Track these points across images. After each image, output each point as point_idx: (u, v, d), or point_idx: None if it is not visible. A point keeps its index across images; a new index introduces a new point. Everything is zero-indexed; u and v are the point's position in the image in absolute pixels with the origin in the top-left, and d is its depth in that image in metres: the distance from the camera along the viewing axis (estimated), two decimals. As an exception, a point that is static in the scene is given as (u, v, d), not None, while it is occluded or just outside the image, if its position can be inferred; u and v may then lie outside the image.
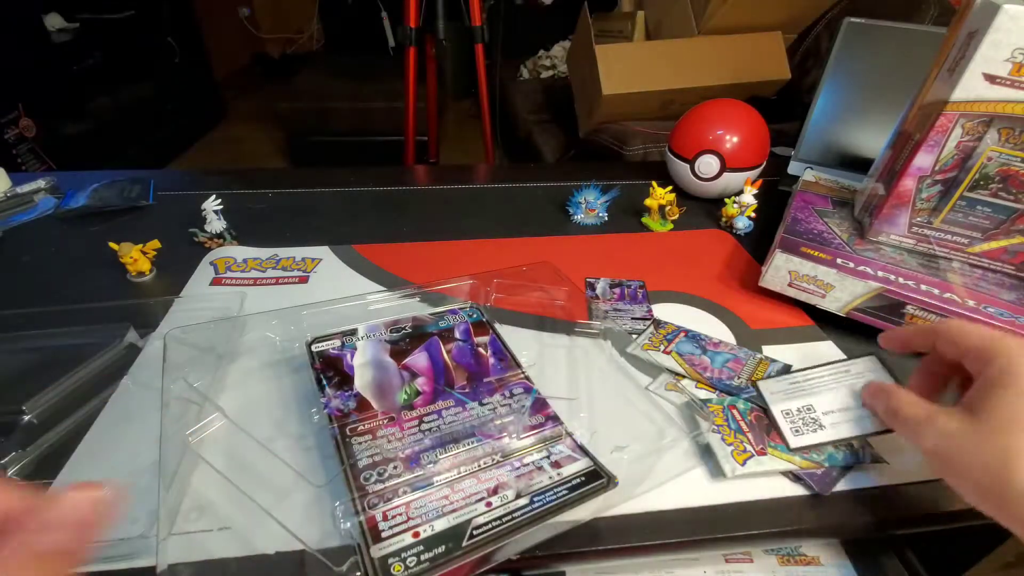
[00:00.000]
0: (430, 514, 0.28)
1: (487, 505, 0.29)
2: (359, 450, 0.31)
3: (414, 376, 0.37)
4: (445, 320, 0.42)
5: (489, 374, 0.38)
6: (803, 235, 0.50)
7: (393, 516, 0.28)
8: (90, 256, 0.53)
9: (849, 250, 0.49)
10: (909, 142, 0.48)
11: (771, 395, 0.38)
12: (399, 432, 0.32)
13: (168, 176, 0.71)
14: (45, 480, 0.32)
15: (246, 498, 0.29)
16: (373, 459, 0.30)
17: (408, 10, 1.28)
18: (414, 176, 0.78)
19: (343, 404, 0.34)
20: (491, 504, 0.29)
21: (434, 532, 0.27)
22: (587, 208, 0.63)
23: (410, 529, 0.27)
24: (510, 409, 0.35)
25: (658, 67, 1.26)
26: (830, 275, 0.45)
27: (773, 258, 0.48)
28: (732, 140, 0.63)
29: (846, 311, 0.46)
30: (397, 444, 0.32)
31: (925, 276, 0.46)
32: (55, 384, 0.38)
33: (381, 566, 0.25)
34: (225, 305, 0.47)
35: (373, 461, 0.30)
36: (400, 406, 0.34)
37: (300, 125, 2.15)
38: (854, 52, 0.68)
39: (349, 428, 0.32)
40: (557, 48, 2.22)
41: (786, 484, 0.34)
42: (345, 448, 0.31)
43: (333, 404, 0.34)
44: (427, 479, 0.30)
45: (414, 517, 0.28)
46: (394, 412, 0.34)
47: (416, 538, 0.27)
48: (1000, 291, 0.45)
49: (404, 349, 0.39)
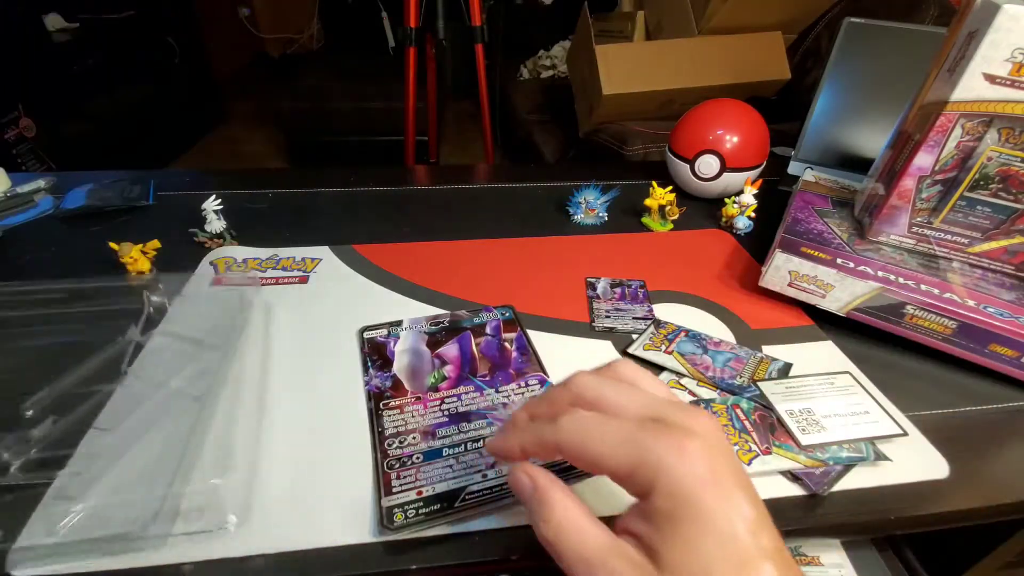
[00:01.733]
0: (434, 478, 0.33)
1: (483, 476, 0.33)
2: (388, 422, 0.37)
3: (444, 364, 0.42)
4: (480, 317, 0.47)
5: (510, 366, 0.42)
6: (803, 235, 0.50)
7: (404, 476, 0.33)
8: (90, 256, 0.53)
9: (849, 250, 0.49)
10: (909, 142, 0.48)
11: (772, 396, 0.38)
12: (422, 409, 0.38)
13: (168, 176, 0.71)
14: (48, 478, 0.32)
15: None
16: (398, 429, 0.36)
17: (408, 10, 1.28)
18: (414, 176, 0.78)
19: (381, 383, 0.40)
20: (486, 476, 0.33)
21: (434, 493, 0.32)
22: (587, 208, 0.63)
23: (415, 488, 0.32)
24: (523, 397, 0.39)
25: (658, 67, 1.26)
26: (830, 275, 0.46)
27: (773, 258, 0.48)
28: (732, 140, 0.63)
29: (846, 311, 0.46)
30: (419, 419, 0.37)
31: (925, 276, 0.46)
32: (57, 381, 0.38)
33: (387, 513, 0.30)
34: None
35: (397, 431, 0.36)
36: (427, 388, 0.40)
37: (300, 125, 2.15)
38: (854, 52, 0.68)
39: (383, 403, 0.38)
40: (557, 48, 2.22)
41: (786, 484, 0.34)
42: (377, 419, 0.37)
43: (374, 383, 0.40)
44: (438, 450, 0.35)
45: (421, 479, 0.33)
46: (421, 393, 0.39)
47: (419, 496, 0.32)
48: (1000, 291, 0.45)
49: (439, 340, 0.44)
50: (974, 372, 0.43)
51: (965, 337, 0.42)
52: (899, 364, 0.45)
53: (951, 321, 0.42)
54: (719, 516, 0.19)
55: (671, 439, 0.20)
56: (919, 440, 0.37)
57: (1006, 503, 0.34)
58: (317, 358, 0.42)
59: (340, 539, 0.30)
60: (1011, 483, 0.36)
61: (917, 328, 0.44)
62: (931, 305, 0.42)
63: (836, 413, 0.37)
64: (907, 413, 0.39)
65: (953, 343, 0.43)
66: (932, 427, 0.38)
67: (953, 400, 0.41)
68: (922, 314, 0.43)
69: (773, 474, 0.34)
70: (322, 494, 0.32)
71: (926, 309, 0.43)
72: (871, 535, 0.42)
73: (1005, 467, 0.37)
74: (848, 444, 0.35)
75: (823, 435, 0.35)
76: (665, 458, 0.20)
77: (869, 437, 0.35)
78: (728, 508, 0.19)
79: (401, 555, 0.29)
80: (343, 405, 0.38)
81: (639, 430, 0.21)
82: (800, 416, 0.37)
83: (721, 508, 0.19)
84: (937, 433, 0.38)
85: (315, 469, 0.34)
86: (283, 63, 3.15)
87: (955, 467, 0.36)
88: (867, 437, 0.35)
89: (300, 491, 0.32)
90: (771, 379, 0.41)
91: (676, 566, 0.19)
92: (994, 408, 0.41)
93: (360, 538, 0.30)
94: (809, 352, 0.45)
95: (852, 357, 0.44)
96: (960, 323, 0.42)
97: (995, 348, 0.42)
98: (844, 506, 0.33)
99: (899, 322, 0.44)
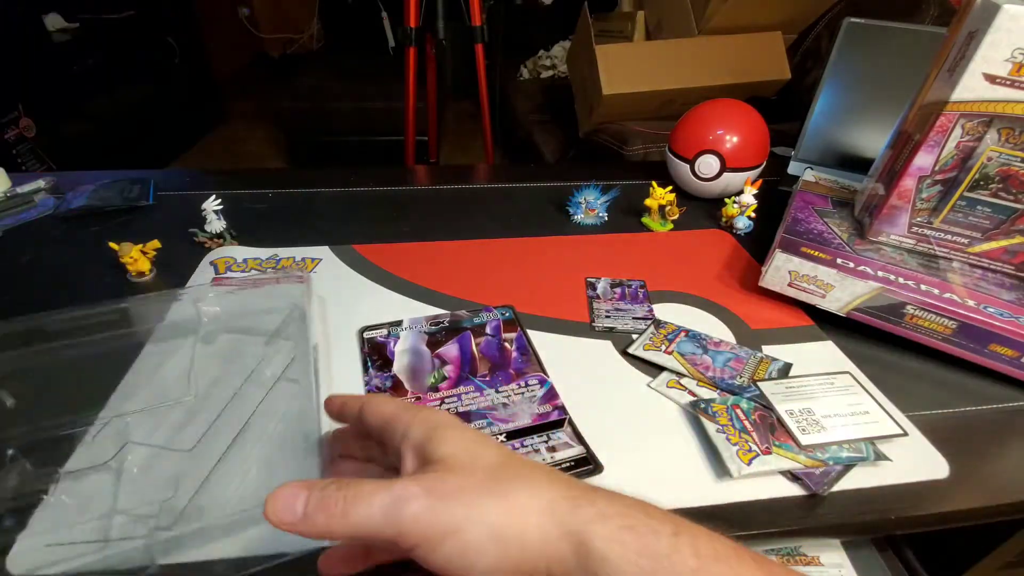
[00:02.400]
0: None
1: None
2: None
3: (444, 364, 0.42)
4: (480, 317, 0.47)
5: (510, 366, 0.42)
6: (803, 235, 0.50)
7: None
8: (90, 256, 0.53)
9: (849, 250, 0.49)
10: (909, 142, 0.48)
11: (772, 396, 0.38)
12: None
13: (168, 176, 0.71)
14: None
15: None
16: None
17: (408, 10, 1.28)
18: (414, 176, 0.78)
19: (381, 383, 0.40)
20: None
21: None
22: (587, 208, 0.63)
23: None
24: (523, 397, 0.39)
25: (658, 67, 1.26)
26: (830, 275, 0.46)
27: (773, 258, 0.48)
28: (732, 140, 0.63)
29: (846, 311, 0.46)
30: None
31: (925, 276, 0.46)
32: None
33: None
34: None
35: None
36: (427, 388, 0.40)
37: (300, 125, 2.14)
38: (854, 52, 0.68)
39: None
40: (557, 48, 2.21)
41: (786, 484, 0.34)
42: None
43: (374, 383, 0.40)
44: None
45: None
46: (421, 393, 0.39)
47: None
48: (1000, 291, 0.45)
49: (440, 340, 0.44)
50: (974, 372, 0.43)
51: (965, 337, 0.42)
52: (899, 364, 0.45)
53: (951, 321, 0.42)
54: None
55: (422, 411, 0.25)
56: (919, 440, 0.37)
57: (1006, 503, 0.34)
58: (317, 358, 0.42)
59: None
60: (1011, 483, 0.36)
61: (917, 328, 0.44)
62: (931, 305, 0.42)
63: (836, 413, 0.37)
64: (907, 413, 0.39)
65: (953, 343, 0.43)
66: (932, 427, 0.38)
67: (953, 400, 0.42)
68: (922, 314, 0.43)
69: (773, 474, 0.34)
70: None
71: (926, 309, 0.43)
72: (871, 535, 0.42)
73: (1005, 467, 0.37)
74: (848, 444, 0.35)
75: (823, 435, 0.35)
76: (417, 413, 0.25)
77: (869, 437, 0.35)
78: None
79: (401, 555, 0.29)
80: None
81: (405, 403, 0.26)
82: (800, 416, 0.37)
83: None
84: (937, 433, 0.38)
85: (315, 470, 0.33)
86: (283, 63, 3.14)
87: (955, 467, 0.36)
88: (867, 437, 0.35)
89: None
90: (771, 379, 0.41)
91: (444, 455, 0.22)
92: (994, 408, 0.41)
93: (359, 538, 0.30)
94: (809, 352, 0.45)
95: (852, 357, 0.44)
96: (960, 323, 0.42)
97: (995, 348, 0.42)
98: (844, 506, 0.33)
99: (899, 322, 0.44)
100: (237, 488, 0.32)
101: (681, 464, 0.35)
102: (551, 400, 0.39)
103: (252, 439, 0.34)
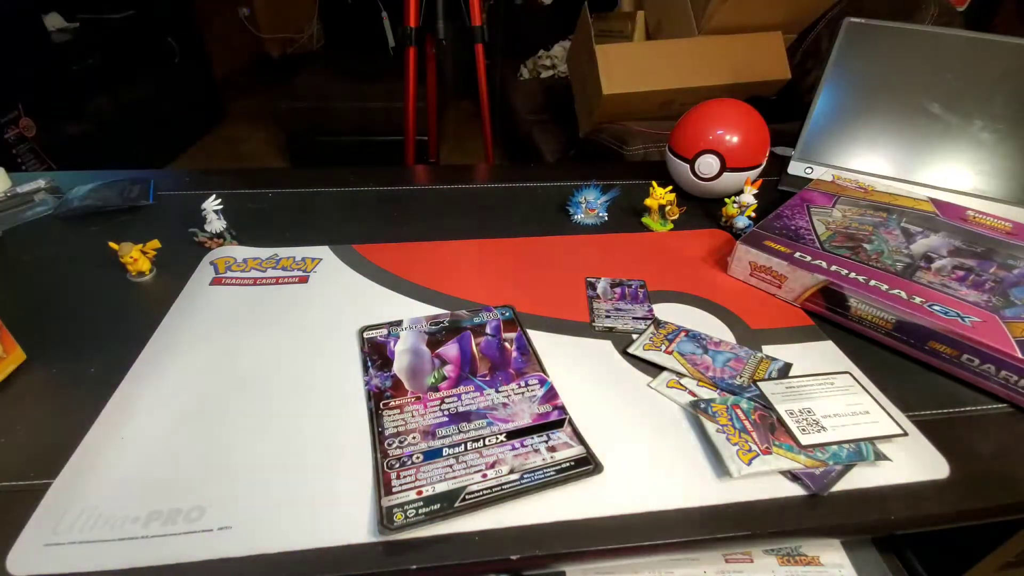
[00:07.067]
0: (434, 478, 0.33)
1: (483, 476, 0.33)
2: (388, 421, 0.37)
3: (444, 363, 0.42)
4: (480, 317, 0.47)
5: (510, 366, 0.42)
6: (777, 230, 0.53)
7: (404, 476, 0.33)
8: (90, 256, 0.53)
9: (817, 247, 0.50)
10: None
11: (772, 396, 0.38)
12: (422, 409, 0.38)
13: (168, 176, 0.71)
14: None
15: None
16: (398, 429, 0.36)
17: (408, 10, 1.28)
18: (414, 176, 0.78)
19: (381, 383, 0.40)
20: (486, 476, 0.33)
21: (434, 492, 0.32)
22: (587, 208, 0.63)
23: (415, 488, 0.32)
24: (523, 397, 0.39)
25: (658, 67, 1.25)
26: (782, 267, 0.48)
27: (735, 249, 0.51)
28: (732, 140, 0.63)
29: (800, 302, 0.49)
30: (419, 419, 0.37)
31: (878, 272, 0.47)
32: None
33: (387, 513, 0.31)
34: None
35: (397, 431, 0.36)
36: (427, 388, 0.39)
37: (300, 125, 2.14)
38: (854, 52, 0.68)
39: (383, 403, 0.38)
40: (557, 48, 2.21)
41: (786, 484, 0.34)
42: (377, 419, 0.37)
43: (374, 383, 0.40)
44: (438, 449, 0.35)
45: (421, 479, 0.33)
46: (421, 392, 0.39)
47: (419, 495, 0.32)
48: (972, 293, 0.45)
49: (440, 340, 0.44)
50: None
51: (904, 333, 0.43)
52: (899, 364, 0.45)
53: (890, 316, 0.43)
54: None
55: None
56: (919, 440, 0.37)
57: (1006, 503, 0.34)
58: (317, 358, 0.42)
59: (340, 539, 0.30)
60: (1011, 483, 0.36)
61: (862, 321, 0.46)
62: (872, 300, 0.44)
63: (836, 413, 0.37)
64: (907, 413, 0.39)
65: (895, 338, 0.44)
66: (932, 427, 0.38)
67: (953, 400, 0.41)
68: (864, 308, 0.45)
69: (773, 474, 0.34)
70: (322, 494, 0.32)
71: (867, 304, 0.44)
72: (871, 535, 0.42)
73: (1005, 467, 0.37)
74: (848, 444, 0.35)
75: (823, 435, 0.35)
76: None
77: (869, 437, 0.35)
78: None
79: (401, 555, 0.29)
80: (343, 405, 0.38)
81: None
82: (800, 416, 0.37)
83: None
84: (937, 433, 0.38)
85: (315, 469, 0.34)
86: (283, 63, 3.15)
87: (955, 467, 0.36)
88: (867, 437, 0.35)
89: (300, 491, 0.32)
90: (771, 379, 0.41)
91: None
92: (994, 408, 0.41)
93: (360, 538, 0.30)
94: (809, 352, 0.45)
95: (852, 357, 0.44)
96: (898, 319, 0.43)
97: (934, 345, 0.42)
98: (844, 506, 0.33)
99: (846, 314, 0.46)
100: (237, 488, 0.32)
101: (681, 464, 0.35)
102: (551, 400, 0.39)
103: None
